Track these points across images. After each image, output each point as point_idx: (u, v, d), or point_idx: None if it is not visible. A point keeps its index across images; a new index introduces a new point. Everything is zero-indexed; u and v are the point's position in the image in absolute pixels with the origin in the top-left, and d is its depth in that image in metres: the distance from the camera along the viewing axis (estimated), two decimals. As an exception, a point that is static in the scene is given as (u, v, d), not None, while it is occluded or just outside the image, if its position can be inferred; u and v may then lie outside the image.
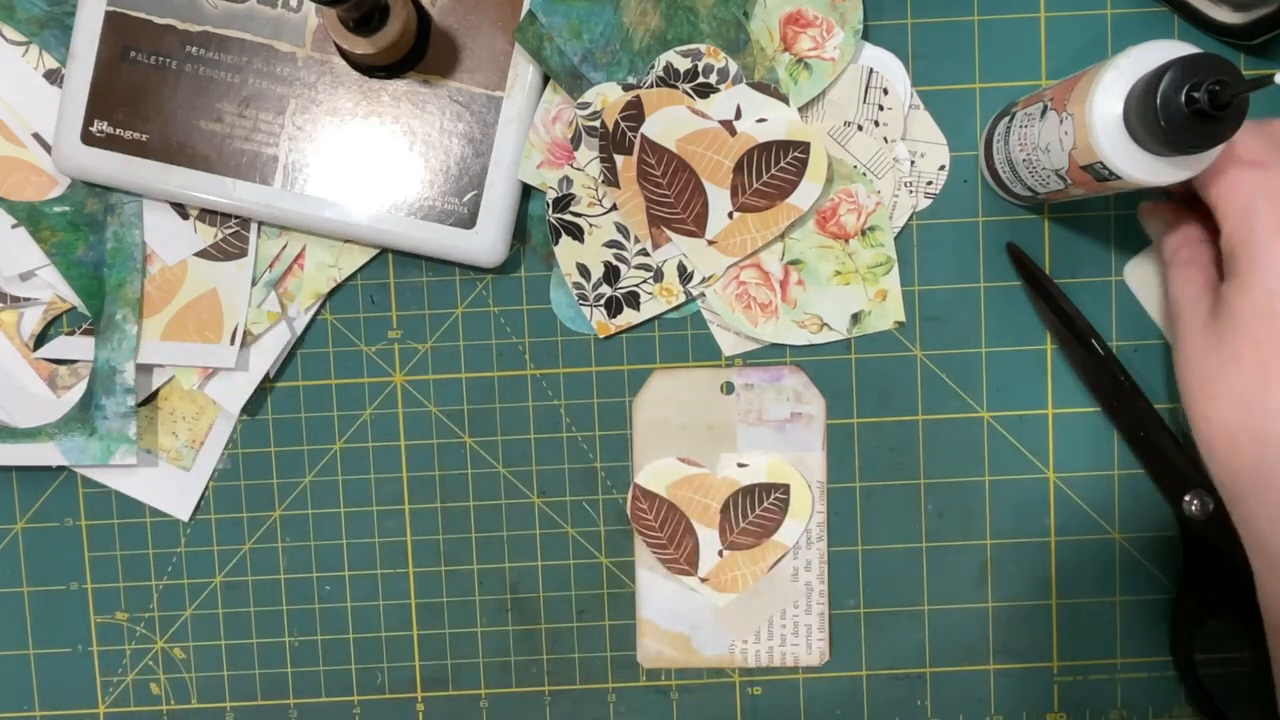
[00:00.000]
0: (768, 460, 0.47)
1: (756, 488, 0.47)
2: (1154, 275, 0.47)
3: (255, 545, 0.49)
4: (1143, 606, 0.49)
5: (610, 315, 0.48)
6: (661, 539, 0.48)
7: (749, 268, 0.47)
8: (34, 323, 0.48)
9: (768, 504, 0.47)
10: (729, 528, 0.48)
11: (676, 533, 0.48)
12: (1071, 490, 0.49)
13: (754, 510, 0.47)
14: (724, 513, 0.48)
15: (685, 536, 0.48)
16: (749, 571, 0.48)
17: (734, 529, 0.48)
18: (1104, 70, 0.37)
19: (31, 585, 0.49)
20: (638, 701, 0.49)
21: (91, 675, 0.50)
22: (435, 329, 0.49)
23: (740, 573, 0.48)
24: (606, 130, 0.45)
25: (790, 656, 0.48)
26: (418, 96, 0.46)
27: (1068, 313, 0.47)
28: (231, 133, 0.46)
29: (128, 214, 0.47)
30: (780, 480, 0.47)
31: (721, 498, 0.47)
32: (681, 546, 0.48)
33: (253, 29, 0.45)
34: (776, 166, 0.45)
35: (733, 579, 0.48)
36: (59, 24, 0.47)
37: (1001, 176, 0.46)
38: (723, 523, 0.48)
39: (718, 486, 0.47)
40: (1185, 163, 0.38)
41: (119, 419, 0.47)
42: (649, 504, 0.48)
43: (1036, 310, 0.47)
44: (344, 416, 0.49)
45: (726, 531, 0.48)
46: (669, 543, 0.48)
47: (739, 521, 0.48)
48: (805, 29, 0.46)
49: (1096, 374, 0.47)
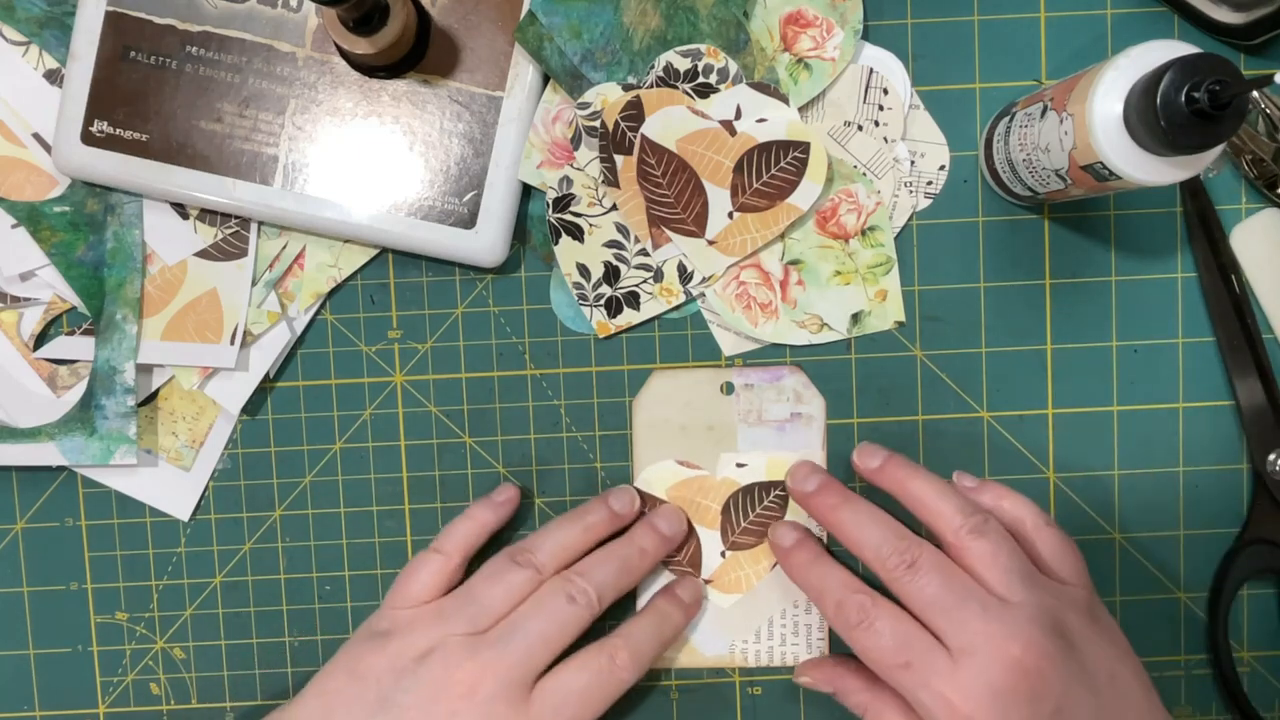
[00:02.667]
0: (766, 459, 0.47)
1: (756, 486, 0.47)
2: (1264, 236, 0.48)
3: (255, 545, 0.49)
4: (1143, 606, 0.49)
5: (610, 315, 0.48)
6: None
7: (749, 268, 0.47)
8: (34, 323, 0.48)
9: (767, 502, 0.47)
10: (730, 528, 0.48)
11: None
12: (1071, 490, 0.49)
13: (754, 509, 0.47)
14: (725, 514, 0.48)
15: (688, 539, 0.48)
16: (752, 571, 0.48)
17: (735, 529, 0.48)
18: (1104, 70, 0.37)
19: (31, 585, 0.49)
20: (638, 701, 0.49)
21: (91, 675, 0.50)
22: (435, 329, 0.49)
23: (744, 573, 0.48)
24: (606, 130, 0.45)
25: (790, 656, 0.48)
26: (418, 96, 0.46)
27: (1217, 242, 0.47)
28: (231, 133, 0.46)
29: (128, 214, 0.47)
30: (779, 478, 0.47)
31: (721, 499, 0.47)
32: (684, 548, 0.48)
33: (253, 29, 0.45)
34: (776, 166, 0.45)
35: (736, 579, 0.48)
36: (59, 24, 0.47)
37: (1001, 176, 0.46)
38: (724, 523, 0.48)
39: (717, 488, 0.47)
40: (1185, 163, 0.38)
41: (119, 419, 0.47)
42: (649, 508, 0.48)
43: (1190, 235, 0.47)
44: (344, 416, 0.49)
45: (728, 532, 0.48)
46: None
47: (740, 521, 0.48)
48: (805, 29, 0.46)
49: (1225, 309, 0.47)
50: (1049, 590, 0.40)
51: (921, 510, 0.42)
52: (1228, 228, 0.47)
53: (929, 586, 0.40)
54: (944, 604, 0.39)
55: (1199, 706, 0.49)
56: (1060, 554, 0.42)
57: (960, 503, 0.42)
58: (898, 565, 0.40)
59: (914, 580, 0.40)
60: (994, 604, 0.39)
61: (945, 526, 0.41)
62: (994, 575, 0.40)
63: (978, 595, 0.39)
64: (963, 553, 0.41)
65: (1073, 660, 0.39)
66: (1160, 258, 0.48)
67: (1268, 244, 0.47)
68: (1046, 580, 0.41)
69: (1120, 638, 0.42)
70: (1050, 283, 0.48)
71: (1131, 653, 0.42)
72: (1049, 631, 0.39)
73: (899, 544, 0.41)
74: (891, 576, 0.41)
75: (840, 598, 0.42)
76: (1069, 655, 0.39)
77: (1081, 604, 0.41)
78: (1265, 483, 0.47)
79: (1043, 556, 0.42)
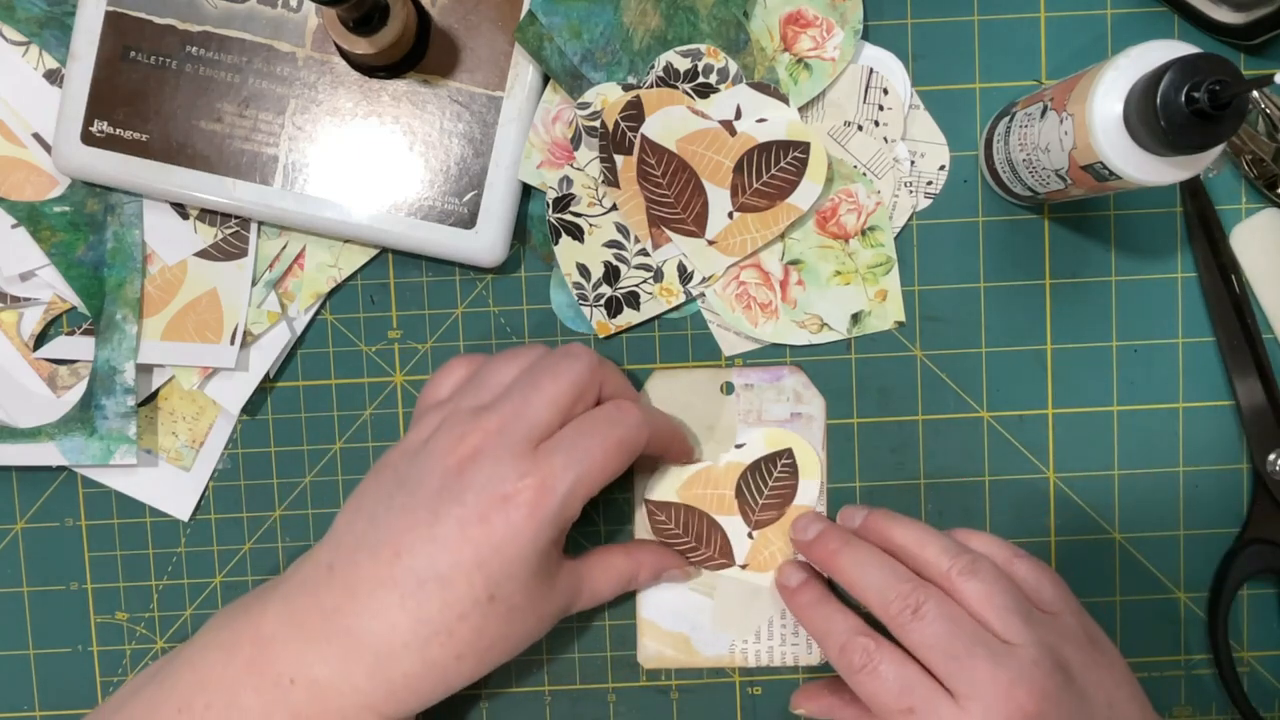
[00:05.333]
0: (764, 432, 0.47)
1: (761, 461, 0.47)
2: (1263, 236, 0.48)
3: (255, 545, 0.49)
4: (1143, 606, 0.49)
5: (610, 315, 0.48)
6: (689, 541, 0.48)
7: (749, 268, 0.47)
8: (34, 323, 0.48)
9: (777, 473, 0.47)
10: (749, 509, 0.48)
11: (702, 531, 0.47)
12: (1071, 490, 0.49)
13: (767, 484, 0.47)
14: (739, 496, 0.47)
15: (711, 532, 0.48)
16: (781, 546, 0.48)
17: (755, 508, 0.47)
18: (1104, 70, 0.37)
19: (31, 585, 0.49)
20: (638, 701, 0.49)
21: (91, 675, 0.50)
22: (435, 329, 0.49)
23: (774, 548, 0.48)
24: (606, 130, 0.45)
25: (790, 656, 0.48)
26: (418, 96, 0.46)
27: (1218, 242, 0.47)
28: (231, 133, 0.46)
29: (128, 214, 0.47)
30: (782, 447, 0.47)
31: (732, 483, 0.47)
32: (711, 542, 0.48)
33: (253, 29, 0.45)
34: (776, 166, 0.45)
35: (770, 555, 0.48)
36: (59, 24, 0.47)
37: (1001, 176, 0.46)
38: (741, 506, 0.48)
39: (724, 474, 0.47)
40: (1185, 163, 0.38)
41: (119, 419, 0.47)
42: (665, 514, 0.47)
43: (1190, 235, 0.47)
44: (344, 416, 0.49)
45: (749, 513, 0.48)
46: (699, 542, 0.48)
47: (757, 499, 0.47)
48: (805, 29, 0.46)
49: (1225, 309, 0.47)
50: (1045, 626, 0.40)
51: (908, 559, 0.42)
52: (1228, 228, 0.47)
53: (934, 633, 0.39)
54: (950, 650, 0.39)
55: (1199, 706, 0.49)
56: (1039, 584, 0.42)
57: (945, 543, 0.42)
58: (901, 610, 0.40)
59: (919, 626, 0.39)
60: (1000, 649, 0.39)
61: (934, 572, 0.41)
62: (992, 616, 0.40)
63: (984, 641, 0.39)
64: (957, 595, 0.40)
65: (1072, 694, 0.39)
66: (1160, 258, 0.48)
67: (1268, 244, 0.47)
68: (1041, 614, 0.41)
69: (1118, 660, 0.42)
70: (1050, 283, 0.48)
71: (1129, 675, 0.41)
72: (1051, 672, 0.38)
73: (902, 588, 0.40)
74: (896, 622, 0.40)
75: (844, 641, 0.41)
76: (1069, 690, 0.39)
77: (1078, 634, 0.41)
78: (1265, 483, 0.47)
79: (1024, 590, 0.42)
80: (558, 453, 0.40)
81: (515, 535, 0.39)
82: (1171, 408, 0.48)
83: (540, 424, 0.40)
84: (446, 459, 0.40)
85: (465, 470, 0.39)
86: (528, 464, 0.39)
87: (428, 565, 0.39)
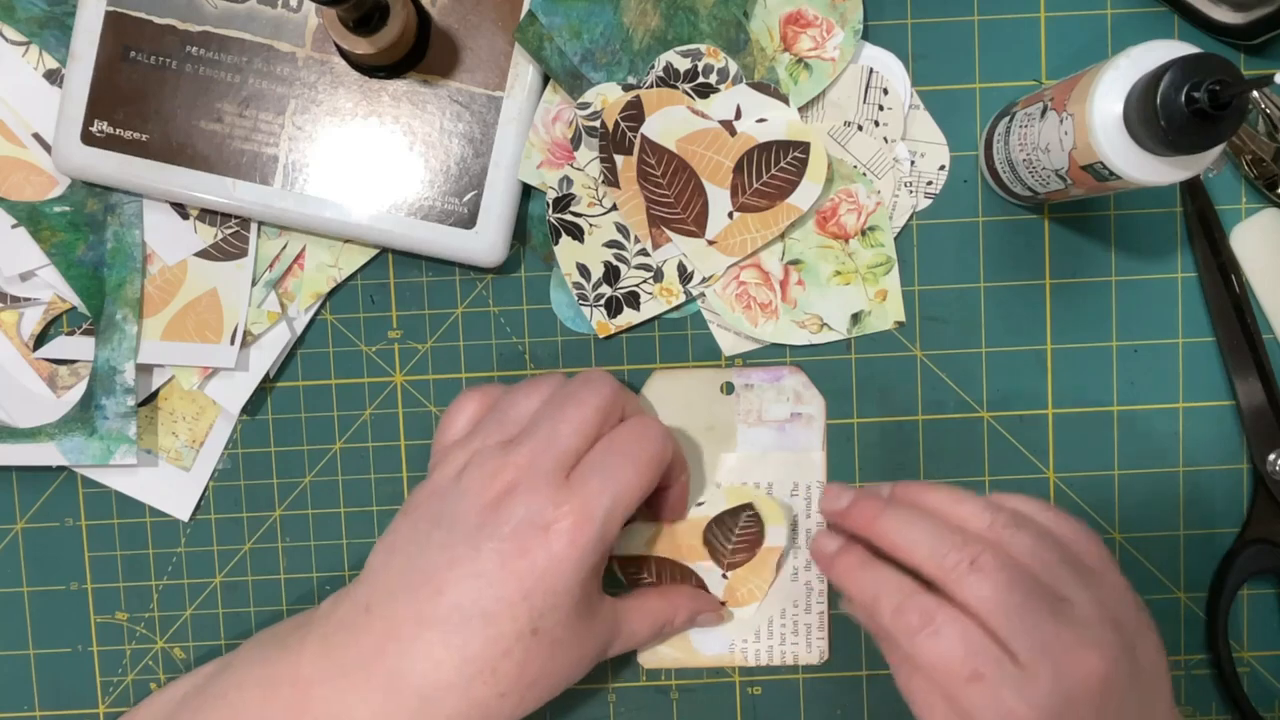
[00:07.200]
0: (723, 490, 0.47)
1: (725, 514, 0.47)
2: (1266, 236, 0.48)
3: (255, 545, 0.49)
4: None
5: (610, 315, 0.48)
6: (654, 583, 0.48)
7: (749, 268, 0.47)
8: (34, 323, 0.48)
9: (742, 523, 0.47)
10: (721, 555, 0.47)
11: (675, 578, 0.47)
12: (1071, 490, 0.49)
13: (734, 534, 0.47)
14: (707, 544, 0.47)
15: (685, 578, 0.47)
16: (756, 582, 0.47)
17: (726, 554, 0.47)
18: (1104, 70, 0.37)
19: (31, 585, 0.49)
20: (638, 701, 0.49)
21: (91, 675, 0.50)
22: (435, 329, 0.49)
23: (750, 586, 0.47)
24: (606, 130, 0.45)
25: (790, 656, 0.48)
26: (418, 96, 0.46)
27: (1217, 242, 0.47)
28: (231, 133, 0.46)
29: (128, 214, 0.47)
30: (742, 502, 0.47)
31: (699, 535, 0.47)
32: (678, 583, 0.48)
33: (253, 29, 0.45)
34: (776, 166, 0.45)
35: (748, 591, 0.47)
36: (59, 24, 0.47)
37: (1001, 176, 0.46)
38: (712, 553, 0.47)
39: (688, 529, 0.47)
40: (1185, 163, 0.38)
41: (119, 419, 0.47)
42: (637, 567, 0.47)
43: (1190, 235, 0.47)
44: (344, 416, 0.49)
45: (720, 559, 0.47)
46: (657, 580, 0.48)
47: (726, 545, 0.47)
48: (805, 29, 0.46)
49: (1225, 309, 0.47)
50: (1097, 583, 0.38)
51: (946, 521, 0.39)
52: (1228, 228, 0.47)
53: (996, 584, 0.36)
54: (1012, 607, 0.35)
55: (1199, 706, 0.49)
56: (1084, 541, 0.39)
57: (984, 501, 0.39)
58: (958, 563, 0.36)
59: (977, 580, 0.36)
60: (1060, 606, 0.36)
61: (976, 528, 0.38)
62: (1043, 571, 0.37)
63: (1046, 597, 0.36)
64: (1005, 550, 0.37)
65: (1131, 659, 0.37)
66: (1160, 258, 0.48)
67: (1268, 244, 0.47)
68: (1089, 571, 0.38)
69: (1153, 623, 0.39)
70: (1050, 283, 0.48)
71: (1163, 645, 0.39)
72: (1113, 631, 0.36)
73: (955, 539, 0.37)
74: (951, 576, 0.36)
75: (899, 601, 0.37)
76: (1128, 656, 0.36)
77: (1125, 595, 0.38)
78: (1265, 483, 0.47)
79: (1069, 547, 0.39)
80: (591, 477, 0.40)
81: (558, 564, 0.38)
82: (1172, 407, 0.48)
83: (570, 452, 0.40)
84: (481, 496, 0.40)
85: (501, 505, 0.39)
86: (563, 493, 0.39)
87: (472, 601, 0.38)
